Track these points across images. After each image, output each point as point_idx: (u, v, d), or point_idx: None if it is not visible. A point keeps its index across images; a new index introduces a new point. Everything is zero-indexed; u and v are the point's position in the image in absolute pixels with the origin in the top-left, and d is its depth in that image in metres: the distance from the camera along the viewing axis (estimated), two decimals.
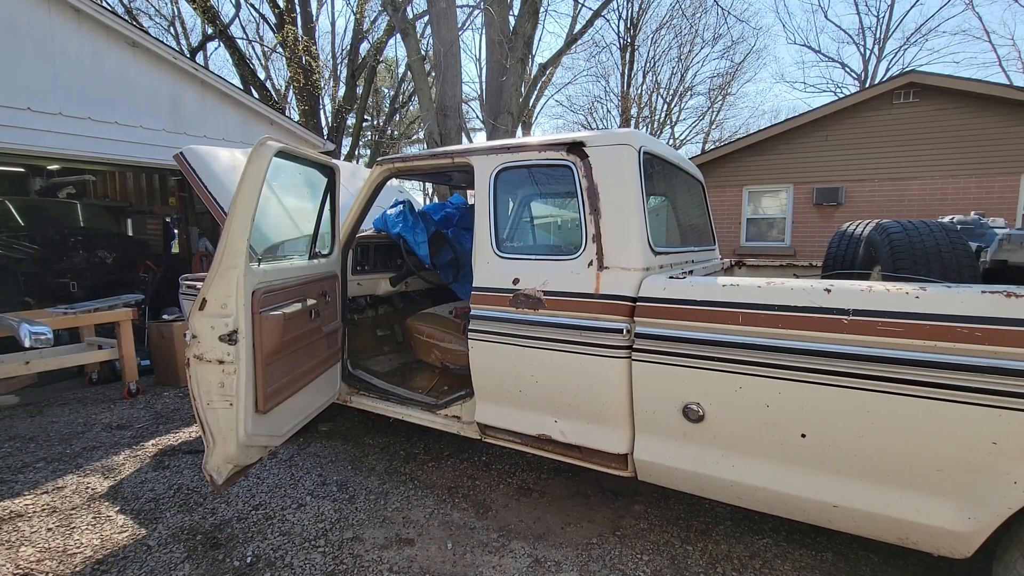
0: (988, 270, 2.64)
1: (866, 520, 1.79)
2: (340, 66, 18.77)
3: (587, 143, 2.30)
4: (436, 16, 8.52)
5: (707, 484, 2.08)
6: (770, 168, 10.08)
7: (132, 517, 2.65)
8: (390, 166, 2.95)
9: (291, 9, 14.95)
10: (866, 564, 2.24)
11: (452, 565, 2.25)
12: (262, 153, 2.17)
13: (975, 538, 1.62)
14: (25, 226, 6.17)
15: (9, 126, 4.94)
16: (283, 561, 2.28)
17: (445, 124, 8.53)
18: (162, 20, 18.67)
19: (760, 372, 1.84)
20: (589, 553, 2.33)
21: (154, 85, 6.25)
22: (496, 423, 2.55)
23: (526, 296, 2.37)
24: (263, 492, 2.87)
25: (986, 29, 38.41)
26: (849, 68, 28.79)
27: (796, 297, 1.78)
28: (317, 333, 2.70)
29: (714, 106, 24.96)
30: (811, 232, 9.79)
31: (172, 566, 2.26)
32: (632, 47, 20.94)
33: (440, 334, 3.36)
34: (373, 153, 20.83)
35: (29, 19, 5.10)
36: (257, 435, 2.29)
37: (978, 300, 1.55)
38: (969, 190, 8.66)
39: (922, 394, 1.61)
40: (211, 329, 2.14)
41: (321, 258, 2.86)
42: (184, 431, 3.79)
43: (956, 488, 1.62)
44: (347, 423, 3.83)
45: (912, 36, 27.48)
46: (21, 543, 2.43)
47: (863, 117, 9.22)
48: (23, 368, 4.00)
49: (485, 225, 2.53)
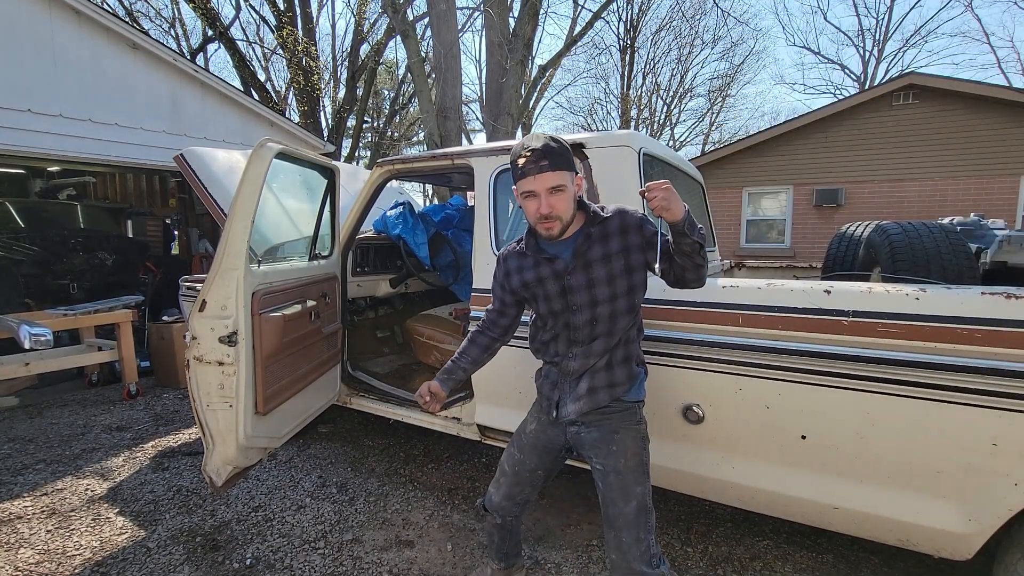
0: (988, 271, 2.64)
1: (866, 522, 1.79)
2: (340, 68, 18.81)
3: (587, 144, 2.30)
4: (436, 18, 8.53)
5: (707, 486, 2.07)
6: (770, 169, 10.08)
7: (131, 519, 2.64)
8: (390, 167, 2.95)
9: (291, 11, 14.96)
10: (867, 566, 2.24)
11: (452, 567, 2.25)
12: (262, 154, 2.17)
13: (976, 540, 1.62)
14: (25, 227, 6.16)
15: (9, 127, 4.94)
16: (283, 563, 2.28)
17: (445, 126, 8.54)
18: (163, 22, 18.69)
19: (760, 374, 1.84)
20: (589, 555, 2.33)
21: (154, 87, 6.25)
22: (496, 424, 2.54)
23: None
24: (263, 494, 2.87)
25: (985, 31, 38.56)
26: (848, 70, 28.84)
27: (796, 299, 1.78)
28: (317, 335, 2.70)
29: (714, 108, 25.01)
30: (811, 233, 9.79)
31: (172, 568, 2.25)
32: (632, 49, 20.96)
33: (440, 335, 3.35)
34: (373, 155, 20.85)
35: (30, 21, 5.10)
36: (257, 437, 2.29)
37: (978, 302, 1.55)
38: (969, 191, 8.66)
39: (922, 395, 1.61)
40: (211, 331, 2.14)
41: (321, 259, 2.86)
42: (184, 433, 3.79)
43: (956, 490, 1.62)
44: (347, 425, 3.82)
45: (911, 38, 27.52)
46: (20, 545, 2.43)
47: (863, 118, 9.23)
48: (23, 369, 4.00)
49: (485, 226, 2.53)
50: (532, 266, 1.67)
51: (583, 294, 1.59)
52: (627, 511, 1.55)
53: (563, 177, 1.52)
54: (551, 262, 1.62)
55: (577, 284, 1.59)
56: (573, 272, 1.59)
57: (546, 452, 1.76)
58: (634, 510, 1.55)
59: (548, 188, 1.50)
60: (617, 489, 1.58)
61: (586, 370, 1.64)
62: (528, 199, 1.55)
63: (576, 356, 1.64)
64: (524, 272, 1.68)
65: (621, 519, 1.55)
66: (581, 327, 1.61)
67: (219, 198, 3.61)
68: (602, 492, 1.62)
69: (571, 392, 1.66)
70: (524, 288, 1.69)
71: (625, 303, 1.60)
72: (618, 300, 1.59)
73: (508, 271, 1.74)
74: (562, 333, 1.66)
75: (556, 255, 1.62)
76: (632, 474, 1.59)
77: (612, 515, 1.57)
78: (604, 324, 1.60)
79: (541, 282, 1.64)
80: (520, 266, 1.70)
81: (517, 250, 1.73)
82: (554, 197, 1.51)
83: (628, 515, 1.55)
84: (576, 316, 1.61)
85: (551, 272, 1.62)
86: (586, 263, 1.58)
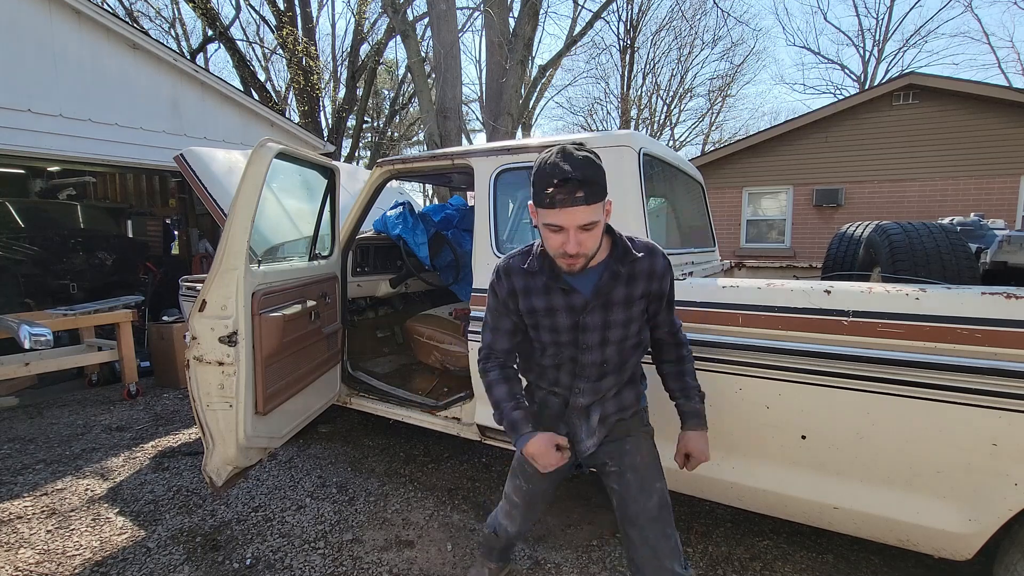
0: (988, 271, 2.64)
1: (867, 522, 1.79)
2: (340, 68, 18.80)
3: (587, 144, 2.29)
4: (436, 18, 8.53)
5: (707, 486, 2.07)
6: (770, 169, 10.08)
7: (131, 519, 2.64)
8: (390, 167, 2.95)
9: (291, 11, 14.96)
10: (867, 566, 2.24)
11: (452, 567, 2.25)
12: (262, 154, 2.17)
13: (976, 540, 1.62)
14: (25, 228, 6.16)
15: (9, 127, 4.95)
16: (283, 563, 2.28)
17: (445, 126, 8.54)
18: (163, 22, 18.71)
19: (760, 373, 1.84)
20: (589, 555, 2.33)
21: (154, 87, 6.26)
22: (496, 425, 2.54)
23: None
24: (263, 494, 2.87)
25: (985, 31, 38.60)
26: (848, 70, 28.89)
27: (796, 298, 1.78)
28: (317, 335, 2.70)
29: (714, 108, 25.01)
30: (811, 233, 9.79)
31: (171, 568, 2.25)
32: (632, 49, 20.96)
33: (440, 335, 3.35)
34: (373, 155, 20.84)
35: (30, 21, 5.10)
36: (257, 437, 2.29)
37: (978, 302, 1.55)
38: (969, 191, 8.66)
39: (922, 395, 1.61)
40: (211, 331, 2.14)
41: (321, 259, 2.86)
42: (184, 433, 3.79)
43: (956, 490, 1.62)
44: (347, 425, 3.82)
45: (911, 38, 27.60)
46: (20, 545, 2.43)
47: (863, 118, 9.23)
48: (23, 369, 4.00)
49: (485, 226, 2.53)
50: (542, 292, 1.44)
51: (596, 334, 1.43)
52: (650, 506, 1.50)
53: (597, 211, 1.27)
54: (567, 294, 1.42)
55: (592, 324, 1.42)
56: (591, 311, 1.41)
57: (555, 475, 1.63)
58: (656, 505, 1.50)
59: (580, 225, 1.25)
60: (636, 486, 1.51)
61: (595, 402, 1.53)
62: (553, 232, 1.29)
63: (584, 392, 1.51)
64: (532, 297, 1.46)
65: (644, 515, 1.48)
66: (589, 365, 1.47)
67: (219, 198, 3.62)
68: (619, 493, 1.54)
69: (583, 426, 1.55)
70: (530, 314, 1.48)
71: (636, 340, 1.51)
72: (629, 339, 1.48)
73: (513, 290, 1.49)
74: (566, 364, 1.50)
75: (574, 287, 1.41)
76: (649, 470, 1.53)
77: (634, 512, 1.50)
78: (614, 363, 1.48)
79: (551, 313, 1.44)
80: (528, 288, 1.46)
81: (524, 268, 1.46)
82: (585, 234, 1.27)
83: (651, 510, 1.49)
84: (585, 355, 1.46)
85: (565, 305, 1.42)
86: (606, 304, 1.41)
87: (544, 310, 1.44)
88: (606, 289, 1.40)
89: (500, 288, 1.51)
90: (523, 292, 1.47)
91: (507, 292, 1.50)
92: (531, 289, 1.46)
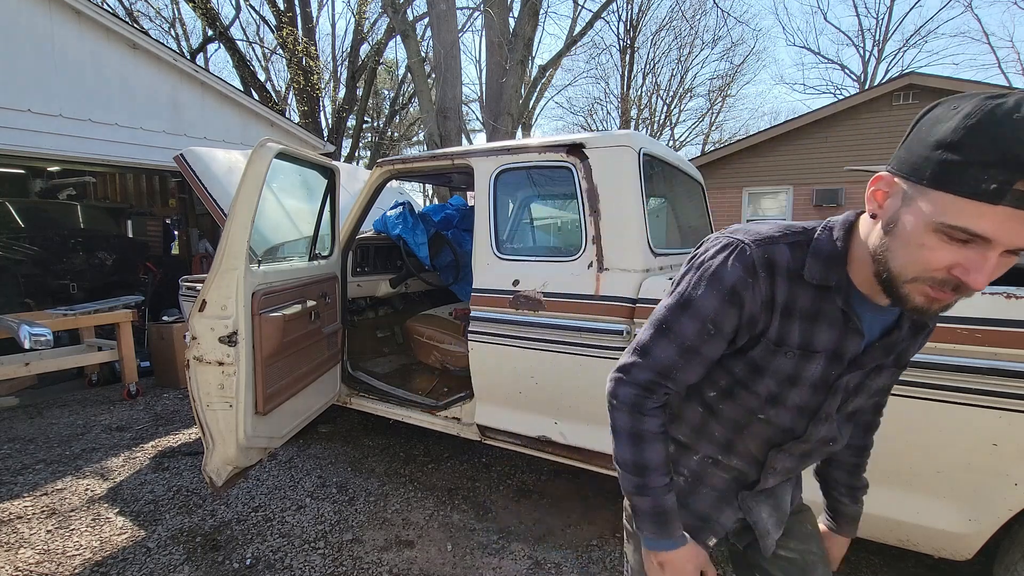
0: None
1: (866, 522, 1.77)
2: (340, 68, 18.81)
3: (587, 144, 2.30)
4: (436, 18, 8.53)
5: None
6: (770, 169, 10.09)
7: (131, 519, 2.64)
8: (390, 168, 2.95)
9: (291, 11, 14.97)
10: (867, 566, 2.24)
11: (452, 567, 2.25)
12: (262, 154, 2.17)
13: (976, 540, 1.62)
14: (25, 228, 6.17)
15: (9, 127, 4.95)
16: (283, 563, 2.28)
17: (445, 126, 8.54)
18: (163, 22, 18.71)
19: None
20: (589, 555, 2.33)
21: (154, 87, 6.26)
22: (496, 425, 2.55)
23: (526, 298, 2.37)
24: (263, 494, 2.87)
25: (985, 31, 38.60)
26: (848, 70, 28.87)
27: None
28: (317, 335, 2.70)
29: (714, 108, 25.03)
30: None
31: (171, 568, 2.25)
32: (632, 49, 20.98)
33: (440, 335, 3.35)
34: (373, 155, 20.85)
35: (30, 21, 5.10)
36: (257, 437, 2.29)
37: (978, 302, 1.55)
38: None
39: (922, 396, 1.61)
40: (211, 331, 2.14)
41: (321, 259, 2.86)
42: (184, 433, 3.79)
43: (956, 490, 1.62)
44: (347, 425, 3.82)
45: (911, 38, 27.59)
46: (20, 545, 2.43)
47: (863, 118, 9.24)
48: (23, 369, 4.00)
49: (485, 226, 2.53)
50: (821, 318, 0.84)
51: (838, 399, 0.91)
52: None
53: None
54: (848, 334, 0.85)
55: (851, 385, 0.91)
56: (863, 365, 0.88)
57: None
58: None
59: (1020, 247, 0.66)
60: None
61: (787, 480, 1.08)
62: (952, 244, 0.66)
63: (778, 471, 1.00)
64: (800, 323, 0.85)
65: None
66: (803, 438, 0.94)
67: (219, 198, 3.62)
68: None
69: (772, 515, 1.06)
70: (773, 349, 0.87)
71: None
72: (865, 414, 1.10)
73: (772, 301, 0.85)
74: (762, 432, 0.96)
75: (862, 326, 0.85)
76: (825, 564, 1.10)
77: None
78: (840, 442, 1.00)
79: (809, 356, 0.86)
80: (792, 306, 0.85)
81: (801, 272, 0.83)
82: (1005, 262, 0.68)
83: None
84: (814, 427, 0.93)
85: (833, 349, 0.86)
86: (881, 364, 0.91)
87: (801, 348, 0.86)
88: (896, 340, 0.88)
89: (748, 292, 0.84)
90: (784, 311, 0.85)
91: (762, 302, 0.84)
92: (801, 311, 0.85)
